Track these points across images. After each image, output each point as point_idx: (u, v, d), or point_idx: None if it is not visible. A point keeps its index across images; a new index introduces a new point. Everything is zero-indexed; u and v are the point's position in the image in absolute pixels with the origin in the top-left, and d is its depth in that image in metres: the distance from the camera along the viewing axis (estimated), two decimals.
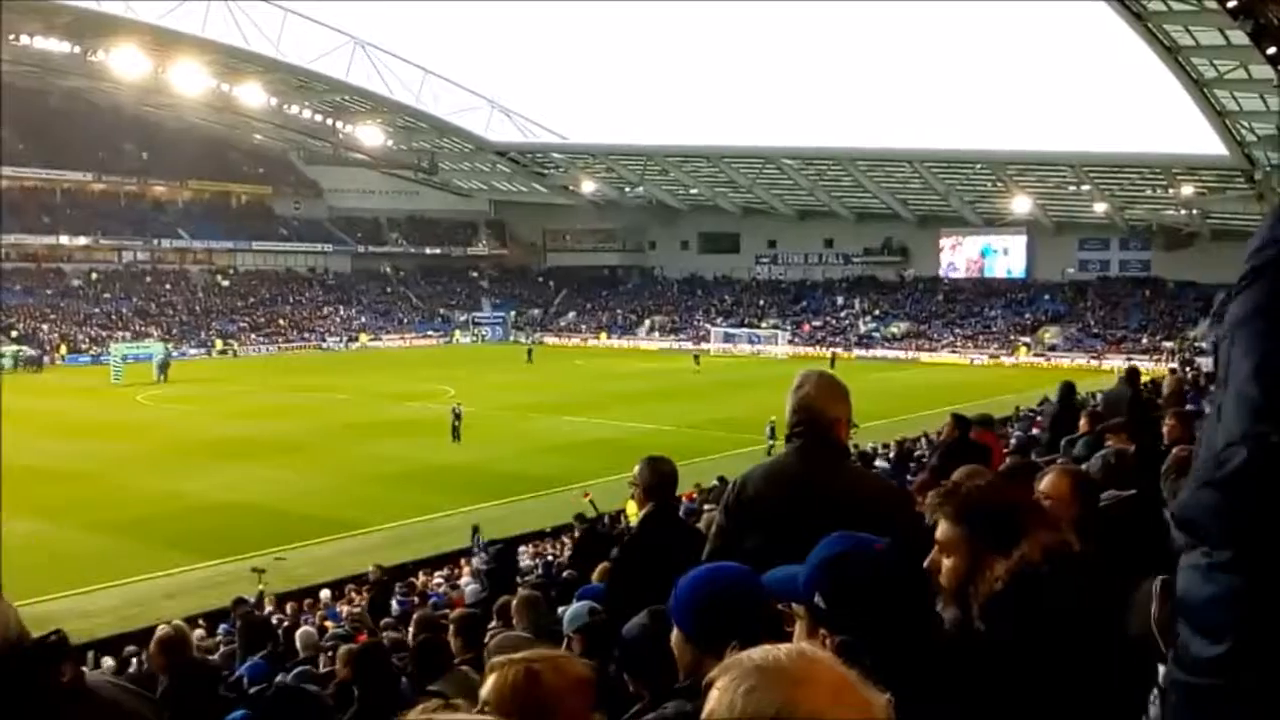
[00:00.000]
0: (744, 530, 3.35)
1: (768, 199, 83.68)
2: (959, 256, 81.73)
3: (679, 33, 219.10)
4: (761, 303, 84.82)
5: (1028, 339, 71.10)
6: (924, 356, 70.43)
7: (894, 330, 76.56)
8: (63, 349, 65.67)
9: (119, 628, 16.61)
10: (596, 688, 2.92)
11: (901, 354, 71.45)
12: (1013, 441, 14.20)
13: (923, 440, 25.28)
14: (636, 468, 4.76)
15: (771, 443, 29.94)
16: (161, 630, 6.06)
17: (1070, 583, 2.46)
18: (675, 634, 2.39)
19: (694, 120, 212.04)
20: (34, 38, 69.99)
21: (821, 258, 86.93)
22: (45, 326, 69.03)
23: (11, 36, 69.38)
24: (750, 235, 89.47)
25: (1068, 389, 12.29)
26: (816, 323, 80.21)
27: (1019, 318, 74.83)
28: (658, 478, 4.69)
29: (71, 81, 79.14)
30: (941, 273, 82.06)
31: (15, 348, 62.96)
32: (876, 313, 79.89)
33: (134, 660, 13.56)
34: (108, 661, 14.12)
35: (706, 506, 16.88)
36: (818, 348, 73.35)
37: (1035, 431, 15.87)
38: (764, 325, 79.41)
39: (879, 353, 72.16)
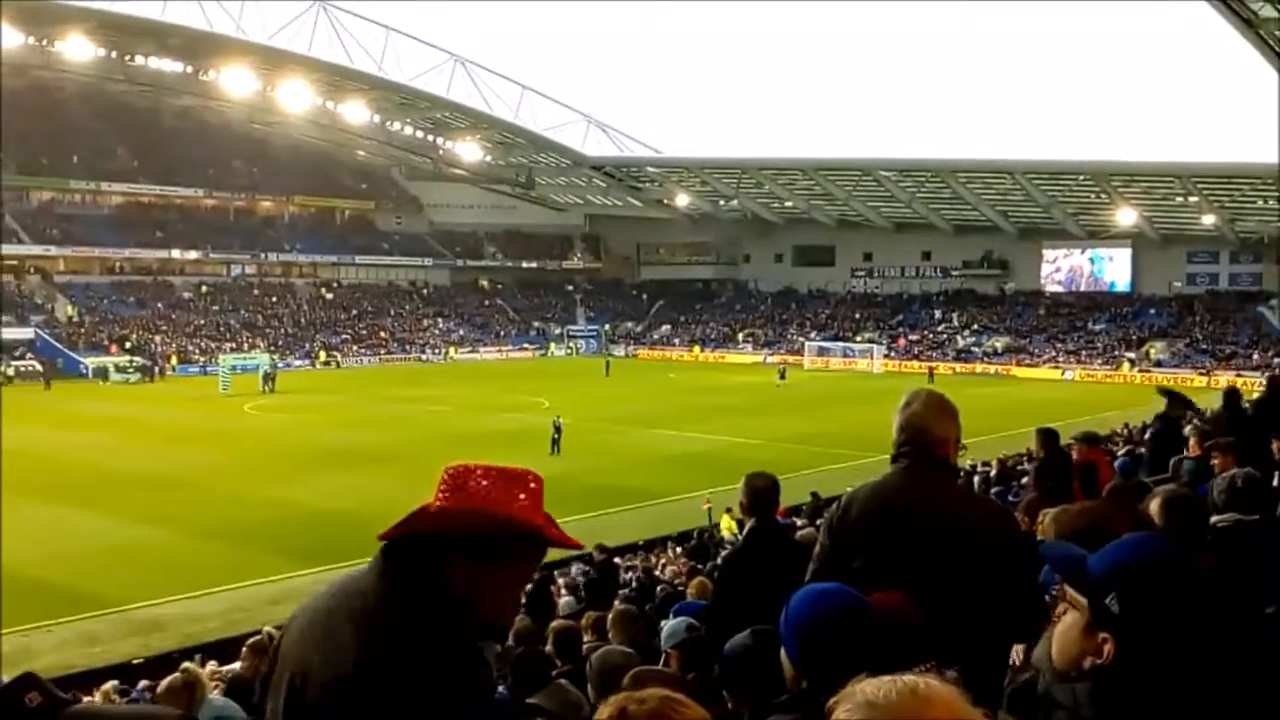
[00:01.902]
0: (848, 551, 3.29)
1: (864, 211, 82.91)
2: (1062, 269, 79.99)
3: (775, 45, 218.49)
4: (857, 316, 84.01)
5: (1132, 354, 69.21)
6: (1023, 372, 69.01)
7: (994, 345, 75.17)
8: (174, 360, 67.82)
9: (226, 632, 17.00)
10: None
11: (1001, 369, 70.09)
12: (1119, 461, 13.83)
13: (1024, 458, 24.72)
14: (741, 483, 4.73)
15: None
16: (255, 639, 6.32)
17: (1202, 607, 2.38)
18: (783, 651, 2.40)
19: (789, 133, 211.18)
20: (148, 58, 72.76)
21: (919, 271, 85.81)
22: (157, 338, 71.35)
23: (127, 56, 72.19)
24: (846, 248, 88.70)
25: (1176, 401, 11.80)
26: (913, 337, 79.15)
27: (1123, 332, 72.90)
28: (759, 494, 4.67)
29: (184, 100, 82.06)
30: (1043, 286, 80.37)
31: (129, 358, 65.24)
32: (975, 327, 78.54)
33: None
34: (213, 665, 14.52)
35: (798, 522, 16.78)
36: (914, 362, 72.37)
37: (1142, 450, 15.44)
38: (859, 339, 78.63)
39: (978, 368, 70.89)
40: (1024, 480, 16.44)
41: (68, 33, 66.93)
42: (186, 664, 7.57)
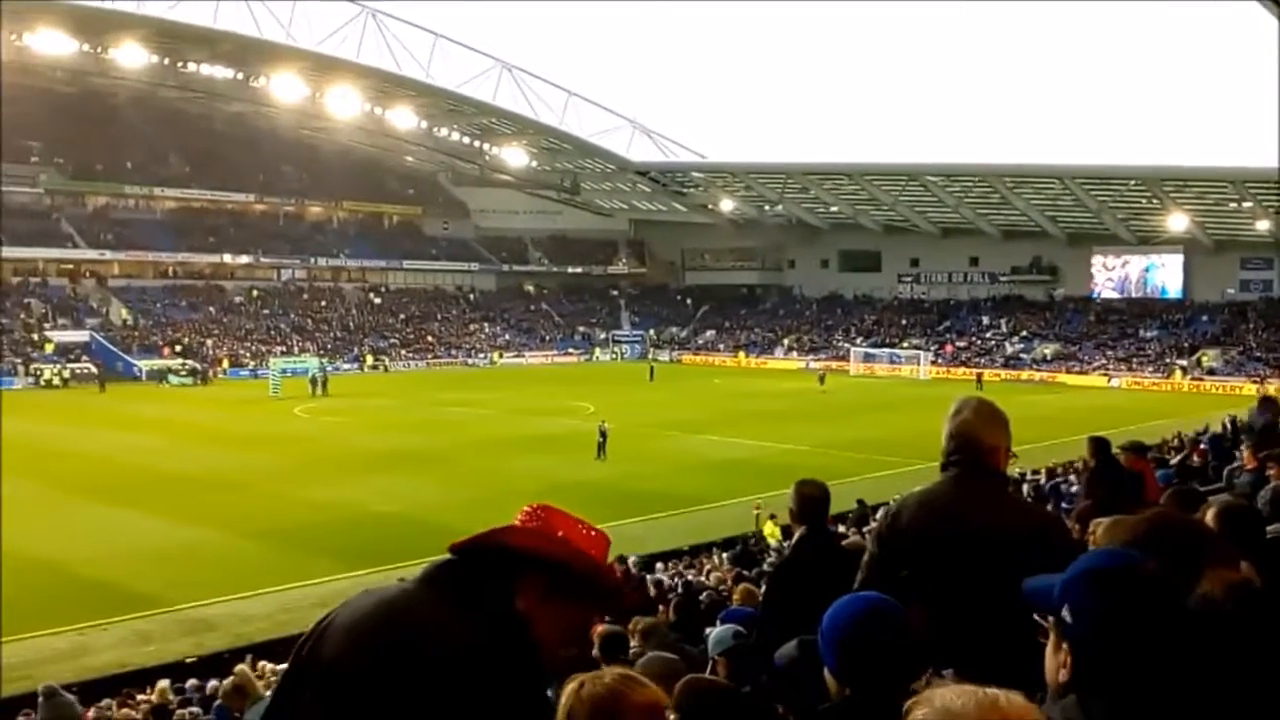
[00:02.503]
0: (896, 560, 3.28)
1: (910, 216, 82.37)
2: (1112, 275, 79.00)
3: (821, 49, 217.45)
4: (903, 322, 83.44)
5: (1184, 362, 68.17)
6: (1073, 379, 68.20)
7: (1043, 352, 74.33)
8: (225, 363, 68.73)
9: (275, 633, 17.21)
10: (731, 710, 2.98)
11: (1048, 376, 69.31)
12: (1161, 472, 13.65)
13: (1073, 466, 24.48)
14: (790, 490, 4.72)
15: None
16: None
17: (1255, 623, 2.35)
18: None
19: (835, 137, 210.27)
20: (200, 65, 73.88)
21: (966, 276, 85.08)
22: (209, 341, 72.36)
23: (179, 63, 73.36)
24: (892, 253, 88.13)
25: (1268, 413, 11.50)
26: (961, 343, 78.47)
27: (1175, 339, 71.84)
28: (809, 501, 4.65)
29: (235, 107, 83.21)
30: (1093, 292, 79.41)
31: (181, 361, 66.24)
32: (1024, 333, 77.70)
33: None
34: (265, 665, 14.71)
35: (842, 529, 16.74)
36: (962, 369, 71.74)
37: (1196, 460, 15.24)
38: (905, 346, 78.08)
39: (1026, 375, 70.16)
40: (1074, 489, 16.29)
41: (121, 40, 68.10)
42: (239, 666, 7.71)
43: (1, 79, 59.08)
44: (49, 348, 66.11)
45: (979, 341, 78.37)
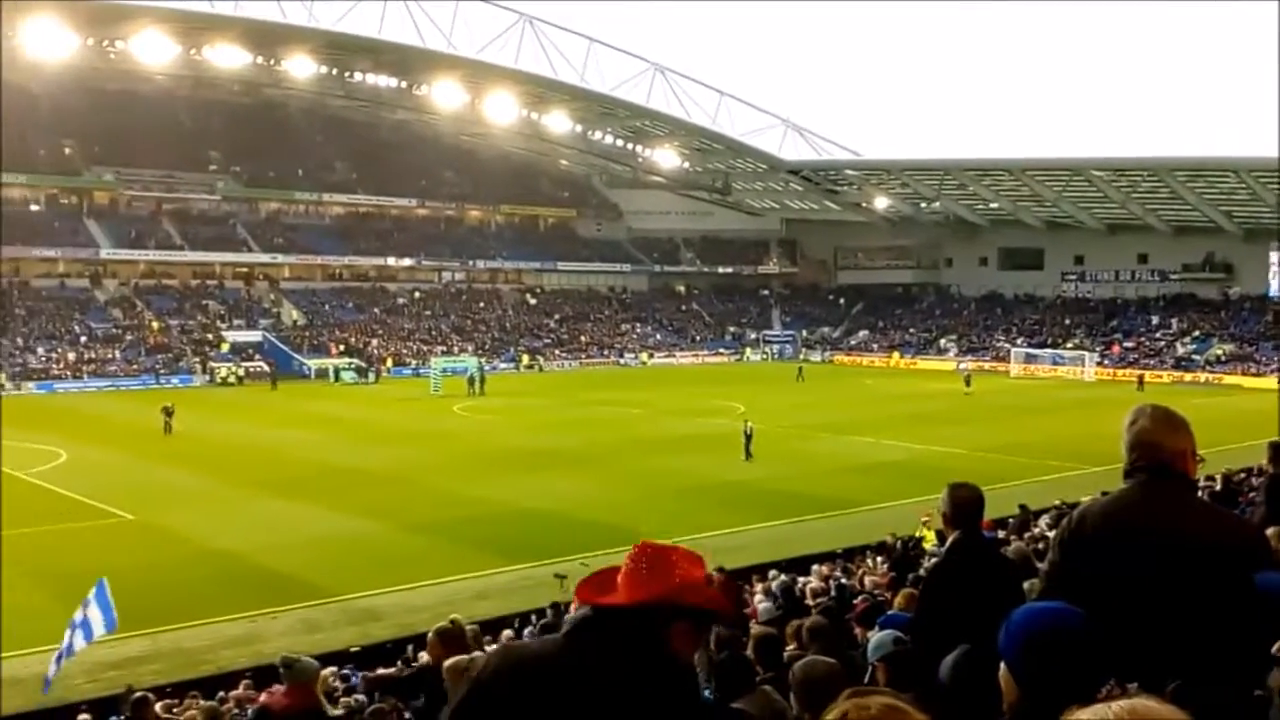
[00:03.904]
0: (1080, 568, 3.20)
1: (1075, 213, 79.59)
2: None
3: (978, 42, 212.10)
4: (1067, 322, 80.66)
5: None
6: (1249, 381, 64.68)
7: (1216, 353, 70.79)
8: (389, 362, 71.07)
9: (437, 624, 17.59)
10: None
11: (1215, 378, 65.85)
12: None
13: (1251, 473, 23.24)
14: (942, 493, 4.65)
15: None
16: (441, 625, 6.71)
17: None
18: (1003, 667, 2.39)
19: (994, 132, 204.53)
20: (365, 74, 76.61)
21: (1134, 274, 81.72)
22: (374, 341, 74.93)
23: (346, 73, 76.19)
24: (1055, 251, 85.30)
25: None
26: (1128, 344, 75.37)
27: None
28: (962, 504, 4.58)
29: (398, 114, 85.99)
30: (1271, 291, 75.17)
31: (348, 360, 68.79)
32: (1196, 334, 74.15)
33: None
34: (425, 656, 15.09)
35: (1001, 534, 16.29)
36: (1130, 370, 68.92)
37: None
38: (1069, 346, 75.46)
39: (1200, 377, 66.89)
40: (1252, 495, 15.50)
41: (292, 52, 71.14)
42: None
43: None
44: (224, 347, 69.56)
45: (1147, 342, 75.14)
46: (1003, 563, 4.82)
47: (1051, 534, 16.10)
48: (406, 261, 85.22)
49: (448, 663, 6.22)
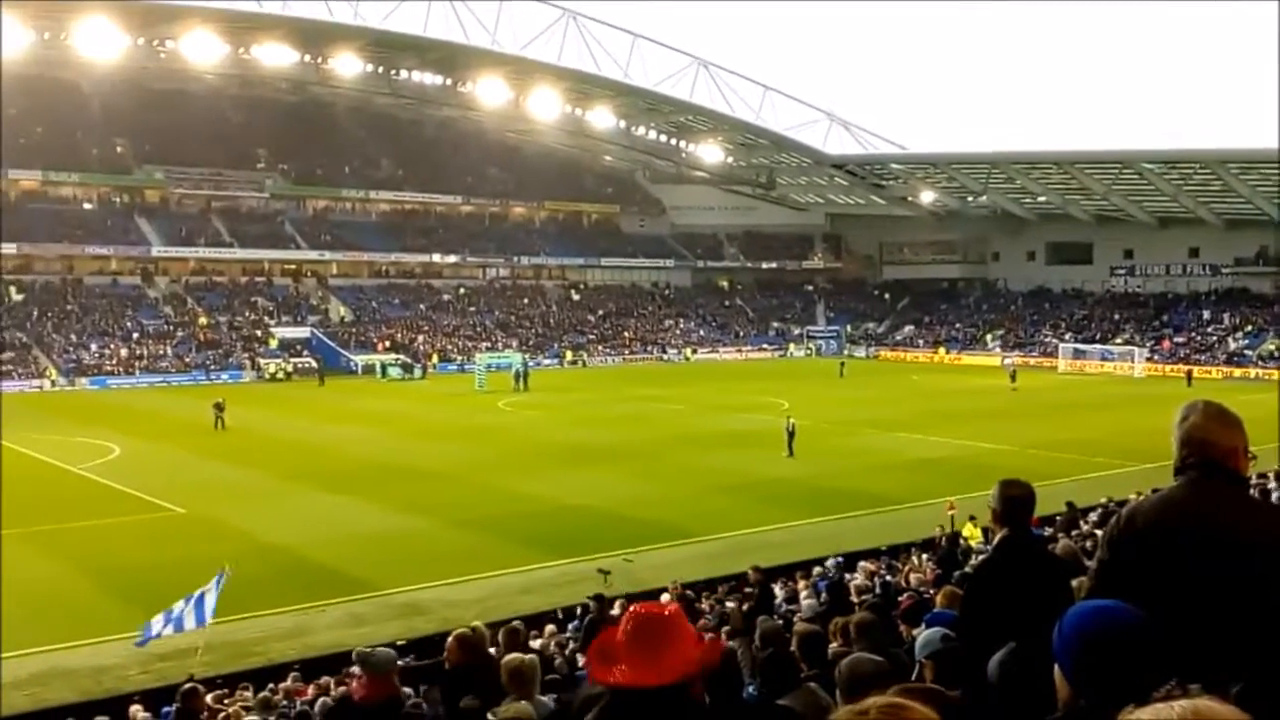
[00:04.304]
0: (1130, 566, 3.17)
1: (1124, 206, 78.52)
2: None
3: (1026, 34, 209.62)
4: (1116, 317, 79.62)
5: None
6: None
7: (1269, 348, 69.53)
8: (434, 358, 71.57)
9: (481, 619, 17.44)
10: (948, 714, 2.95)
11: (1265, 374, 64.53)
12: None
13: None
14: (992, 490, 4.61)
15: None
16: (460, 632, 6.82)
17: None
18: (1057, 668, 2.37)
19: (1042, 125, 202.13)
20: (411, 72, 77.15)
21: (1185, 269, 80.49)
22: (420, 338, 75.48)
23: (392, 71, 76.77)
24: (1104, 245, 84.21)
25: None
26: (1179, 339, 74.24)
27: None
28: (1013, 502, 4.53)
29: (444, 112, 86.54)
30: None
31: (394, 356, 69.35)
32: (1249, 329, 72.89)
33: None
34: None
35: (1048, 532, 16.13)
36: (1181, 366, 67.87)
37: None
38: (1118, 341, 74.49)
39: (1252, 372, 65.63)
40: None
41: (339, 50, 71.81)
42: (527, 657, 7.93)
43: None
44: (273, 343, 70.37)
45: (1199, 337, 73.97)
46: (1052, 561, 4.77)
47: (1100, 532, 15.94)
48: (452, 258, 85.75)
49: (506, 659, 6.32)
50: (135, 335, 68.21)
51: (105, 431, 41.54)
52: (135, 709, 13.01)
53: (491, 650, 10.59)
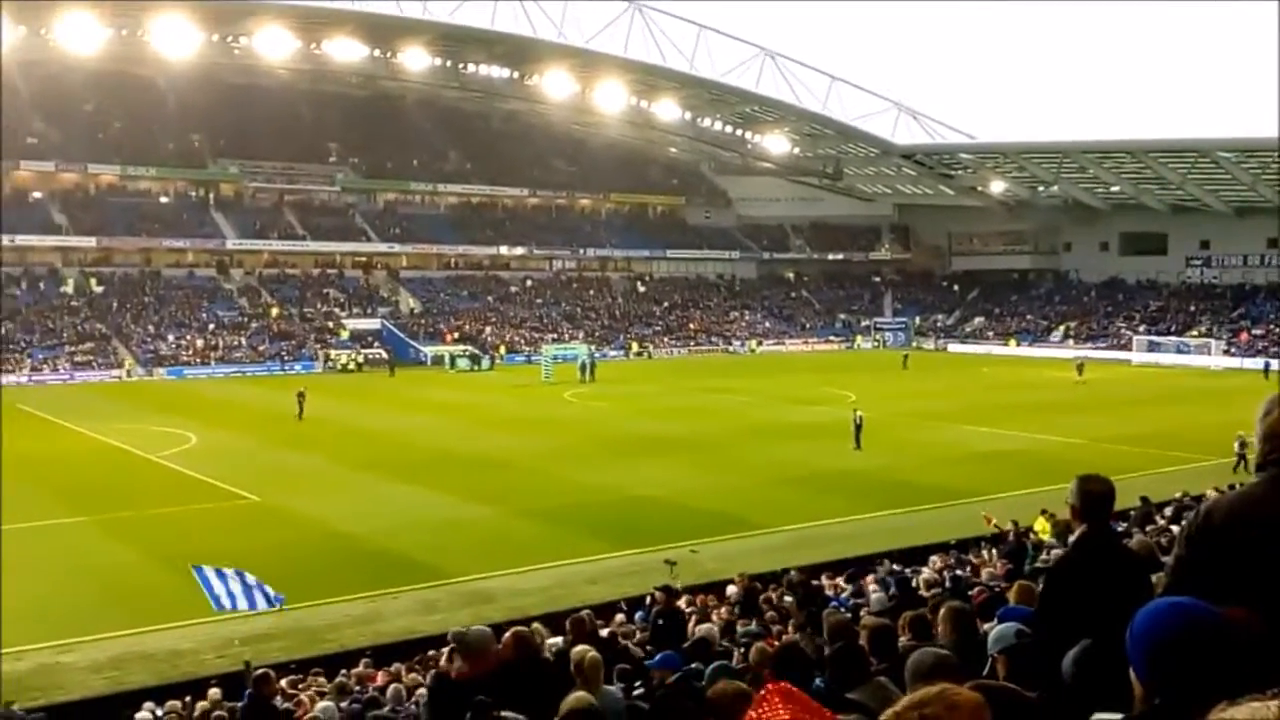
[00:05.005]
0: (1206, 564, 3.13)
1: (1200, 195, 76.74)
2: None
3: (1096, 21, 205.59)
4: (1191, 309, 77.90)
5: None
6: None
7: None
8: (502, 349, 72.13)
9: (548, 607, 17.92)
10: (1016, 711, 2.97)
11: None
12: None
13: None
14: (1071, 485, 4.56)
15: (1240, 457, 27.28)
16: (519, 628, 6.98)
17: None
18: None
19: (1115, 113, 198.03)
20: (478, 66, 77.75)
21: (1264, 259, 78.43)
22: (487, 329, 76.11)
23: (460, 65, 77.44)
24: (1180, 235, 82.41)
25: None
26: (1257, 331, 72.41)
27: None
28: (1093, 498, 4.48)
29: (510, 105, 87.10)
30: None
31: (463, 348, 70.00)
32: None
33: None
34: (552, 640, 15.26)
35: (1123, 527, 15.90)
36: (1259, 359, 66.21)
37: None
38: (1194, 334, 72.85)
39: None
40: None
41: (408, 45, 72.57)
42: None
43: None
44: (344, 334, 71.39)
45: (1277, 329, 72.09)
46: (1131, 557, 4.71)
47: (1175, 527, 15.63)
48: (519, 250, 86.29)
49: (575, 650, 6.44)
50: (211, 326, 69.60)
51: (182, 420, 42.47)
52: (214, 692, 13.34)
53: (553, 642, 10.75)
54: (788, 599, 13.90)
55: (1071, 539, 4.50)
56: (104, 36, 64.79)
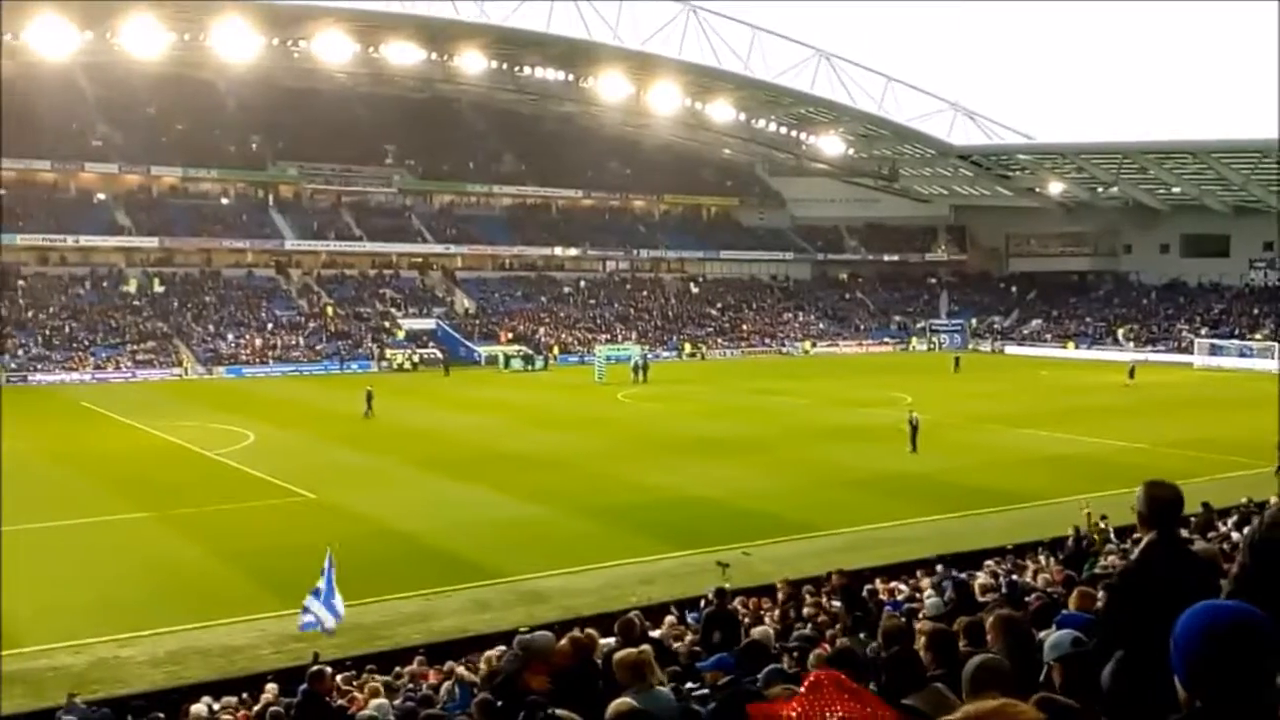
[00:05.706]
0: (1269, 570, 3.09)
1: (1264, 197, 75.19)
2: None
3: (1155, 20, 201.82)
4: (1255, 312, 76.28)
5: None
6: None
7: None
8: (555, 350, 72.40)
9: (601, 607, 17.95)
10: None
11: None
12: None
13: None
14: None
15: None
16: (576, 632, 7.04)
17: None
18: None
19: (1175, 113, 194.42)
20: (534, 68, 78.14)
21: None
22: (541, 329, 76.44)
23: (516, 68, 77.87)
24: (1242, 237, 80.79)
25: None
26: None
27: None
28: (1161, 504, 4.41)
29: (565, 107, 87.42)
30: None
31: (517, 348, 70.36)
32: None
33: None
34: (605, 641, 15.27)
35: (1184, 534, 15.60)
36: None
37: None
38: (1258, 337, 71.36)
39: None
40: None
41: (464, 48, 73.10)
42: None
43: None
44: (400, 334, 72.04)
45: None
46: (1200, 565, 4.62)
47: (1237, 534, 15.32)
48: (573, 251, 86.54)
49: (618, 655, 6.44)
50: (269, 326, 70.54)
51: (241, 418, 43.09)
52: (271, 687, 13.52)
53: (606, 642, 10.77)
54: (835, 603, 13.82)
55: (1139, 546, 4.43)
56: (166, 40, 65.92)
